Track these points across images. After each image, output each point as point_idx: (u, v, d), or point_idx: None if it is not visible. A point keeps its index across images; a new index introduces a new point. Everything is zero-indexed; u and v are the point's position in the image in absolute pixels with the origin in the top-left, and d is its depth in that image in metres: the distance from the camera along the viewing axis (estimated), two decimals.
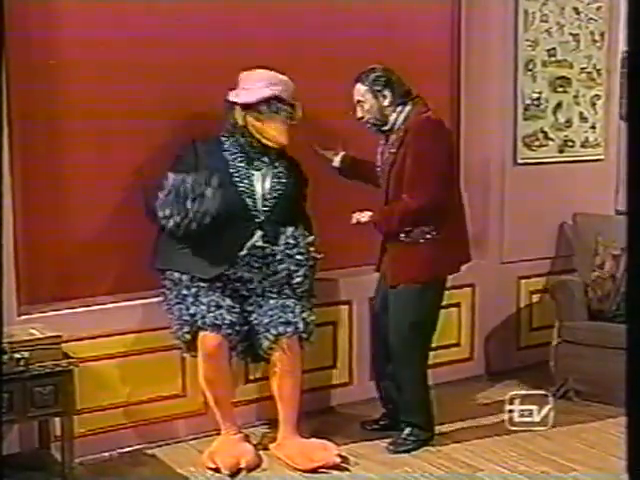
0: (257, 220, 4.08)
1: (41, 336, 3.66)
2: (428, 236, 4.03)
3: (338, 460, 4.00)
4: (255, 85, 4.07)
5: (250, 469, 3.99)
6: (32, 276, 4.03)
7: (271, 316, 4.04)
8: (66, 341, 3.77)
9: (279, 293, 4.11)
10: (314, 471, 3.96)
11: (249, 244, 4.03)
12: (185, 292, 4.02)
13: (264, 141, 4.10)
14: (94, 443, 4.06)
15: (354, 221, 4.11)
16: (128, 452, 4.17)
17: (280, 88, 4.07)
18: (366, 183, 4.33)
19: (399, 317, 4.13)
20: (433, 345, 4.29)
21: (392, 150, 4.05)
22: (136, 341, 4.19)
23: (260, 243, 4.07)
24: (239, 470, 3.97)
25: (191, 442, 4.30)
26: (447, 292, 4.41)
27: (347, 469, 3.99)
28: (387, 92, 4.07)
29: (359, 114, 4.14)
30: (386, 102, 4.08)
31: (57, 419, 3.80)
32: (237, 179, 4.09)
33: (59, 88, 4.06)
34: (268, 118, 4.07)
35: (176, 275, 4.06)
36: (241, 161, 4.12)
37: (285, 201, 4.15)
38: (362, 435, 4.37)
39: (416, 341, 4.16)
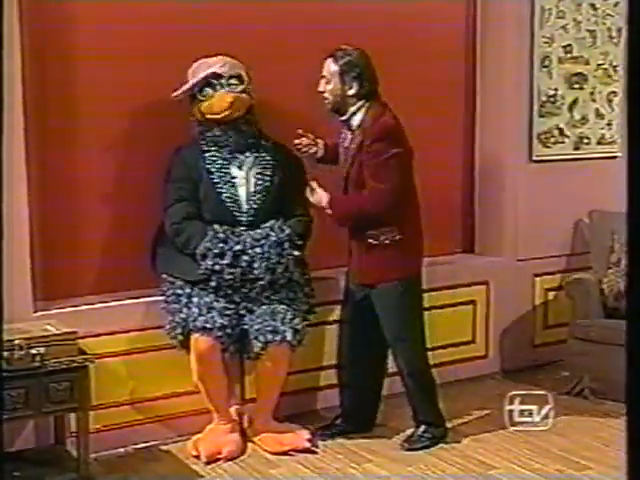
0: (243, 224, 4.08)
1: (57, 332, 3.67)
2: (395, 238, 3.99)
3: (308, 445, 4.12)
4: (192, 77, 4.09)
5: (231, 459, 4.05)
6: (48, 272, 4.05)
7: (260, 323, 4.02)
8: (82, 337, 3.79)
9: (270, 298, 4.07)
10: (285, 454, 4.08)
11: (237, 248, 4.00)
12: (179, 292, 4.03)
13: (218, 116, 4.06)
14: (109, 439, 4.08)
15: (310, 189, 4.04)
16: (143, 448, 4.19)
17: (215, 66, 4.06)
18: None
19: (388, 317, 4.10)
20: (447, 342, 4.25)
21: (350, 152, 4.00)
22: (152, 338, 4.19)
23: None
24: (218, 459, 4.04)
25: None
26: (462, 289, 4.39)
27: (315, 452, 4.10)
28: (355, 84, 3.97)
29: (321, 88, 4.04)
30: (351, 92, 3.98)
31: (72, 415, 3.81)
32: (220, 188, 4.08)
33: (75, 79, 4.08)
34: (212, 96, 4.06)
35: (169, 277, 4.10)
36: (221, 166, 4.11)
37: (271, 198, 4.14)
38: (375, 432, 4.36)
39: (411, 337, 4.14)
